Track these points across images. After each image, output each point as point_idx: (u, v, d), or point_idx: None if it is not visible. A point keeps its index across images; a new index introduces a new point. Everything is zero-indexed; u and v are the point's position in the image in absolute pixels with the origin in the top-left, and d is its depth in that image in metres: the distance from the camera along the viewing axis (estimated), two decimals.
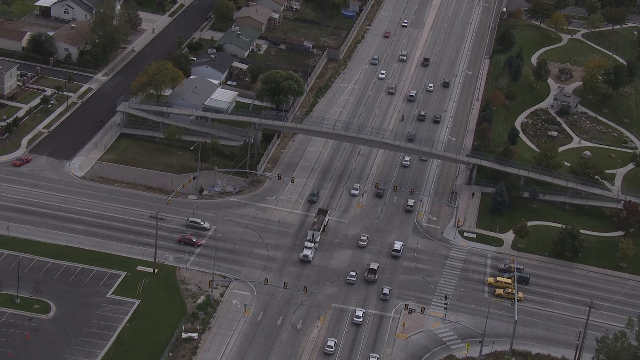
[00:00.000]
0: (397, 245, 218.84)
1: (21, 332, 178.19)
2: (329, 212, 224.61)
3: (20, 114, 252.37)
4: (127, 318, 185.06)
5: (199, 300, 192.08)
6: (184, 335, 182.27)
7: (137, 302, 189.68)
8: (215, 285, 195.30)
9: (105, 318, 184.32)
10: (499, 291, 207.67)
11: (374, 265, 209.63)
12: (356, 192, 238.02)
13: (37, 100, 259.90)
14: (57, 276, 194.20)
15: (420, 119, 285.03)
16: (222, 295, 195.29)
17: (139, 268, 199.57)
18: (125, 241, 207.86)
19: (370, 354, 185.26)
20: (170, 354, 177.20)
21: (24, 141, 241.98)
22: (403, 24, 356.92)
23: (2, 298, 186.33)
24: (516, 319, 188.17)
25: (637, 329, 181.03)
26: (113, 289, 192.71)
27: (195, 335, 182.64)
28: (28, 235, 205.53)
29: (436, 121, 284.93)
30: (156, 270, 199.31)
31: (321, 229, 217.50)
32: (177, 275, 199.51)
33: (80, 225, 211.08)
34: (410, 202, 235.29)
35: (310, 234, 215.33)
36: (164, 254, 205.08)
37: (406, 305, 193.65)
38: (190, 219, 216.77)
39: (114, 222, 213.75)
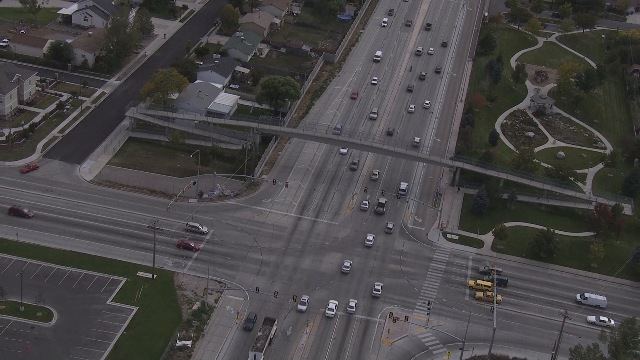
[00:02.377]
0: (403, 185, 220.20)
1: (23, 341, 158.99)
2: (276, 322, 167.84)
3: (37, 119, 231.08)
4: (124, 326, 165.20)
5: (194, 307, 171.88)
6: (178, 343, 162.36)
7: (135, 309, 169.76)
8: (210, 291, 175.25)
9: (104, 326, 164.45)
10: (479, 294, 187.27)
11: (382, 200, 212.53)
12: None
13: (53, 106, 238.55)
14: (61, 282, 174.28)
15: (422, 78, 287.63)
16: (216, 301, 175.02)
17: (139, 274, 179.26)
18: (127, 246, 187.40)
19: (375, 283, 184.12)
20: None
21: (39, 146, 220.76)
22: (372, 81, 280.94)
23: (7, 306, 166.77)
24: (495, 326, 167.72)
25: (609, 342, 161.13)
26: (113, 295, 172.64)
27: (189, 343, 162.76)
28: (36, 240, 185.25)
29: (437, 72, 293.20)
30: (155, 276, 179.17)
31: (266, 345, 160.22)
32: (175, 281, 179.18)
33: (86, 230, 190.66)
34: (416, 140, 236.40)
35: (252, 355, 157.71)
36: (163, 258, 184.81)
37: (390, 314, 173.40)
38: (190, 223, 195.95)
39: (117, 227, 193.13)
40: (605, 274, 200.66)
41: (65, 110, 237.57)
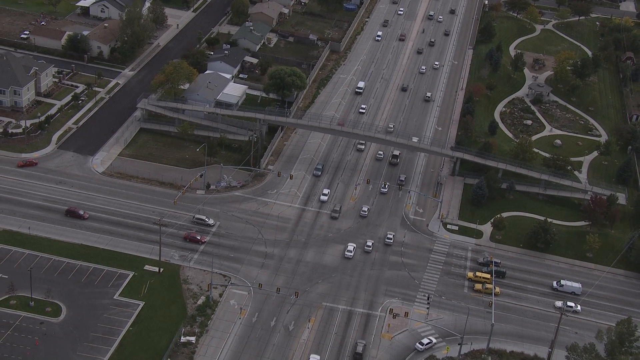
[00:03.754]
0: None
1: (32, 337, 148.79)
2: None
3: (52, 110, 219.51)
4: (130, 321, 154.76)
5: (199, 301, 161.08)
6: (182, 339, 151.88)
7: (142, 304, 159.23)
8: (214, 286, 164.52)
9: (111, 322, 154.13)
10: (478, 286, 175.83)
11: (396, 152, 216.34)
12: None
13: (69, 97, 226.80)
14: (70, 277, 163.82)
15: (431, 44, 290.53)
16: (221, 295, 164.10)
17: (146, 267, 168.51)
18: (135, 239, 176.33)
19: (388, 232, 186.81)
20: None
21: (54, 137, 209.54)
22: (361, 110, 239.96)
23: (17, 300, 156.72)
24: (493, 321, 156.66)
25: (606, 341, 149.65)
26: (120, 289, 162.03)
27: (193, 339, 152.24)
28: (48, 234, 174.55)
29: (446, 34, 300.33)
30: (161, 270, 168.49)
31: None
32: (181, 275, 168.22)
33: (96, 223, 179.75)
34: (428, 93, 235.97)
35: None
36: (170, 251, 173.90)
37: (391, 310, 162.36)
38: (196, 216, 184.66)
39: (127, 219, 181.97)
40: (600, 264, 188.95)
41: (80, 101, 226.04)
